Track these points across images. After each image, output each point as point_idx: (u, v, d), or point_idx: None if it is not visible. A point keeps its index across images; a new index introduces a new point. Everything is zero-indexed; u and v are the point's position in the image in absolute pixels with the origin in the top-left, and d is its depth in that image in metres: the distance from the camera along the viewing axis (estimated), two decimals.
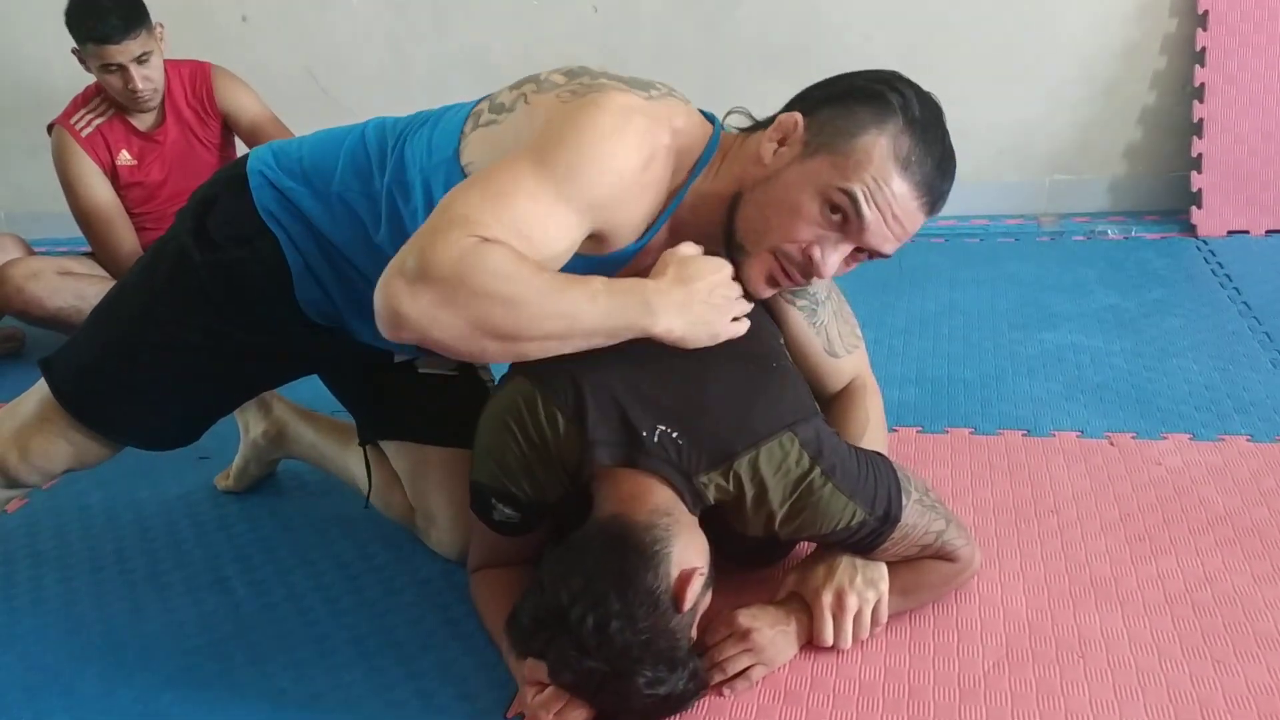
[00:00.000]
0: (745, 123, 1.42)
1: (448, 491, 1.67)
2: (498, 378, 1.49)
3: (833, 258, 1.30)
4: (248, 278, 1.45)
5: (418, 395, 1.70)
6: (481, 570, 1.58)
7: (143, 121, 2.71)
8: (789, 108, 1.35)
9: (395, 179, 1.39)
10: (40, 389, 1.59)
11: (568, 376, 1.36)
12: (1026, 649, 1.47)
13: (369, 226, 1.41)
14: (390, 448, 1.76)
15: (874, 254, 1.33)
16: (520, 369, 1.41)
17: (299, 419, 1.94)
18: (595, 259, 1.32)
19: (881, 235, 1.29)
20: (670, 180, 1.32)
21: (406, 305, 1.13)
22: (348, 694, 1.50)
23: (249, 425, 1.96)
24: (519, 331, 1.17)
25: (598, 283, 1.22)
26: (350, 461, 1.85)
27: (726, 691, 1.43)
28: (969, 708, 1.38)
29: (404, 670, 1.52)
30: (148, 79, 2.60)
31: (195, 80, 2.75)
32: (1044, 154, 3.20)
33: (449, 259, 1.12)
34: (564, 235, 1.22)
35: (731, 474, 1.35)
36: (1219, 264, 2.75)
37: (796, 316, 1.54)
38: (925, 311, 2.58)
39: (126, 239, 2.74)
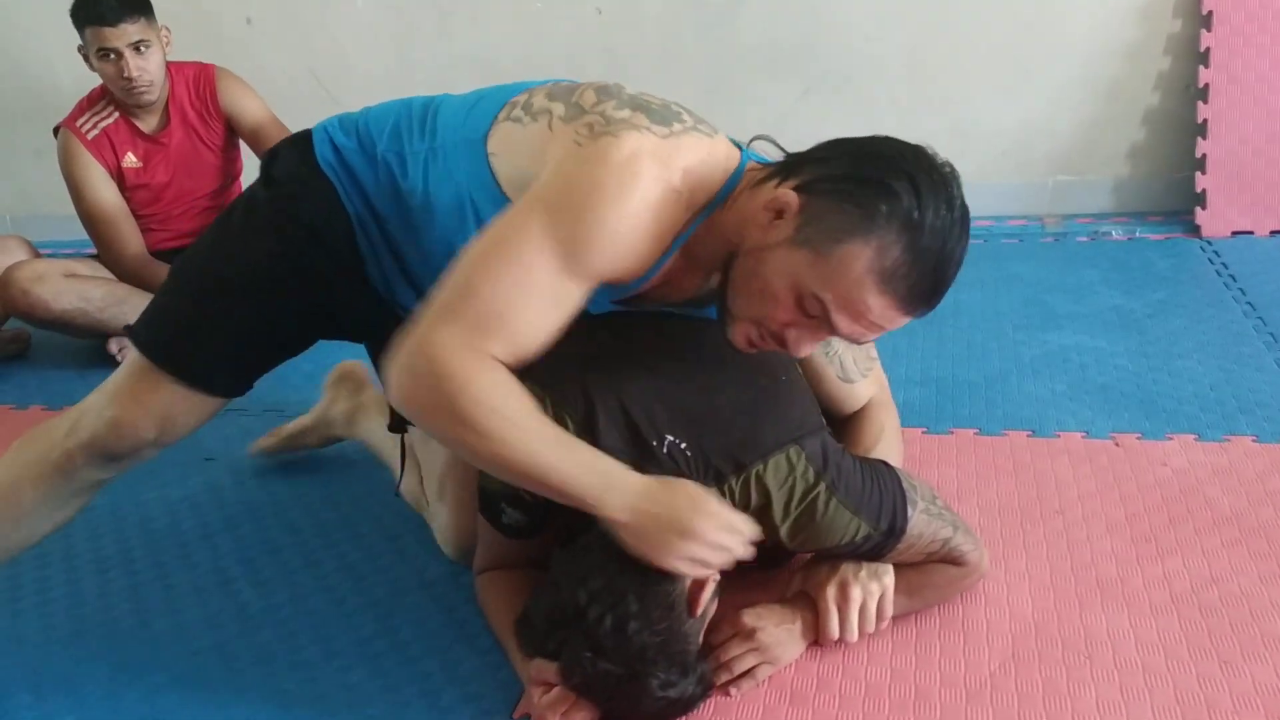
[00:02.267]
0: (772, 151, 1.38)
1: (456, 487, 1.68)
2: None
3: (806, 345, 1.28)
4: (311, 214, 1.47)
5: None
6: (488, 572, 1.57)
7: (147, 124, 2.71)
8: (793, 167, 1.26)
9: (428, 144, 1.42)
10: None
11: (578, 383, 1.36)
12: (1033, 650, 1.47)
13: (403, 188, 1.43)
14: (414, 434, 1.75)
15: None
16: (531, 375, 1.41)
17: (378, 409, 1.92)
18: (602, 289, 1.31)
19: (857, 335, 1.25)
20: (683, 214, 1.29)
21: (407, 393, 1.26)
22: (353, 695, 1.50)
23: (336, 398, 2.00)
24: (491, 460, 1.27)
25: (583, 454, 1.27)
26: (383, 446, 1.89)
27: (733, 691, 1.44)
28: (975, 709, 1.38)
29: (410, 671, 1.52)
30: (143, 69, 2.59)
31: (199, 82, 2.76)
32: (1047, 155, 3.19)
33: (452, 378, 1.21)
34: (569, 308, 1.27)
35: (738, 486, 1.36)
36: (1223, 264, 2.74)
37: (815, 354, 1.53)
38: (931, 313, 2.56)
39: (132, 241, 2.74)
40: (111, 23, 2.52)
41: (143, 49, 2.58)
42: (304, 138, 1.52)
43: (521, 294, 1.23)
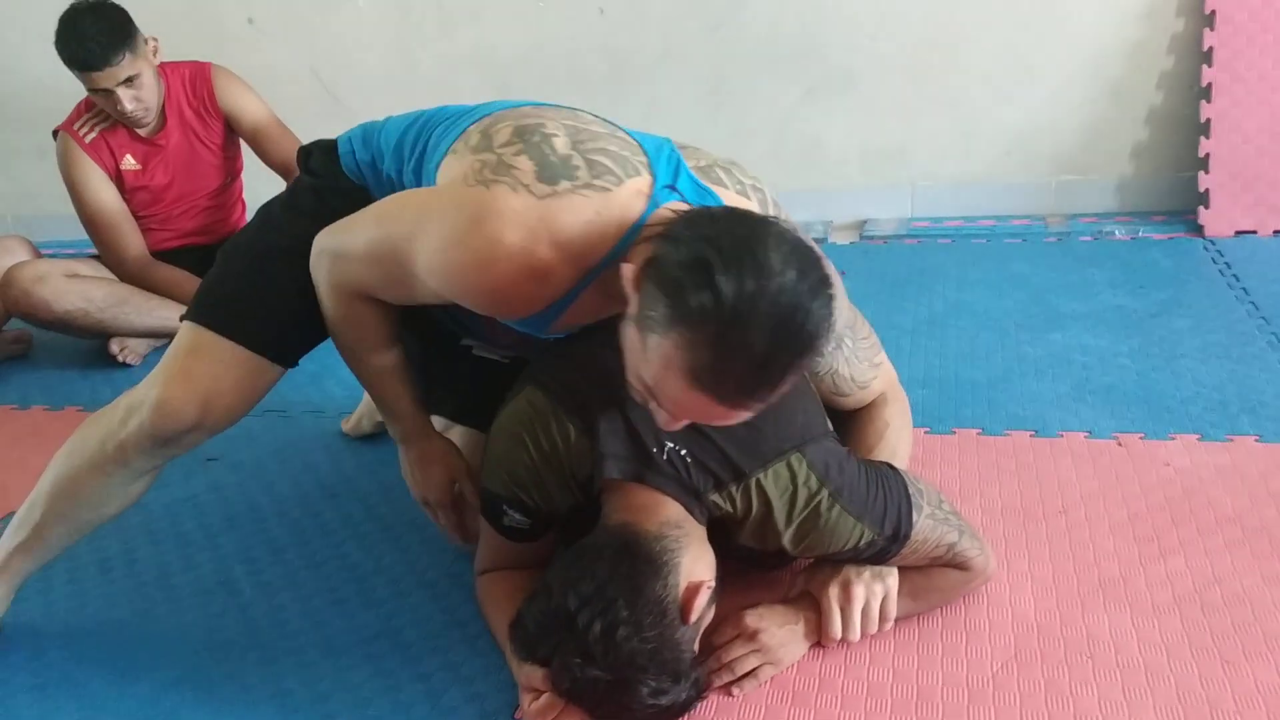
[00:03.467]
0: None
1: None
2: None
3: (668, 422, 1.20)
4: (352, 194, 1.53)
5: (469, 378, 1.76)
6: (489, 573, 1.58)
7: (143, 127, 2.70)
8: (667, 233, 1.15)
9: (415, 166, 1.46)
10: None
11: (580, 389, 1.36)
12: (1035, 650, 1.47)
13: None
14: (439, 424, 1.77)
15: None
16: (534, 380, 1.41)
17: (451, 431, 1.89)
18: (519, 321, 1.36)
19: (682, 422, 1.20)
20: (567, 273, 1.25)
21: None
22: (356, 695, 1.51)
23: None
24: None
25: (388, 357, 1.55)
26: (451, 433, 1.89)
27: (735, 691, 1.44)
28: (977, 709, 1.38)
29: (412, 671, 1.52)
30: (137, 100, 2.58)
31: (195, 81, 2.74)
32: (1051, 154, 3.19)
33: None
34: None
35: (740, 494, 1.36)
36: (1226, 264, 2.74)
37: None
38: (932, 312, 2.57)
39: (133, 242, 2.74)
40: (98, 68, 2.48)
41: (133, 82, 2.55)
42: (330, 147, 1.60)
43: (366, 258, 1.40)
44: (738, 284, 1.05)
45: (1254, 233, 2.93)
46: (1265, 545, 1.64)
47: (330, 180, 1.57)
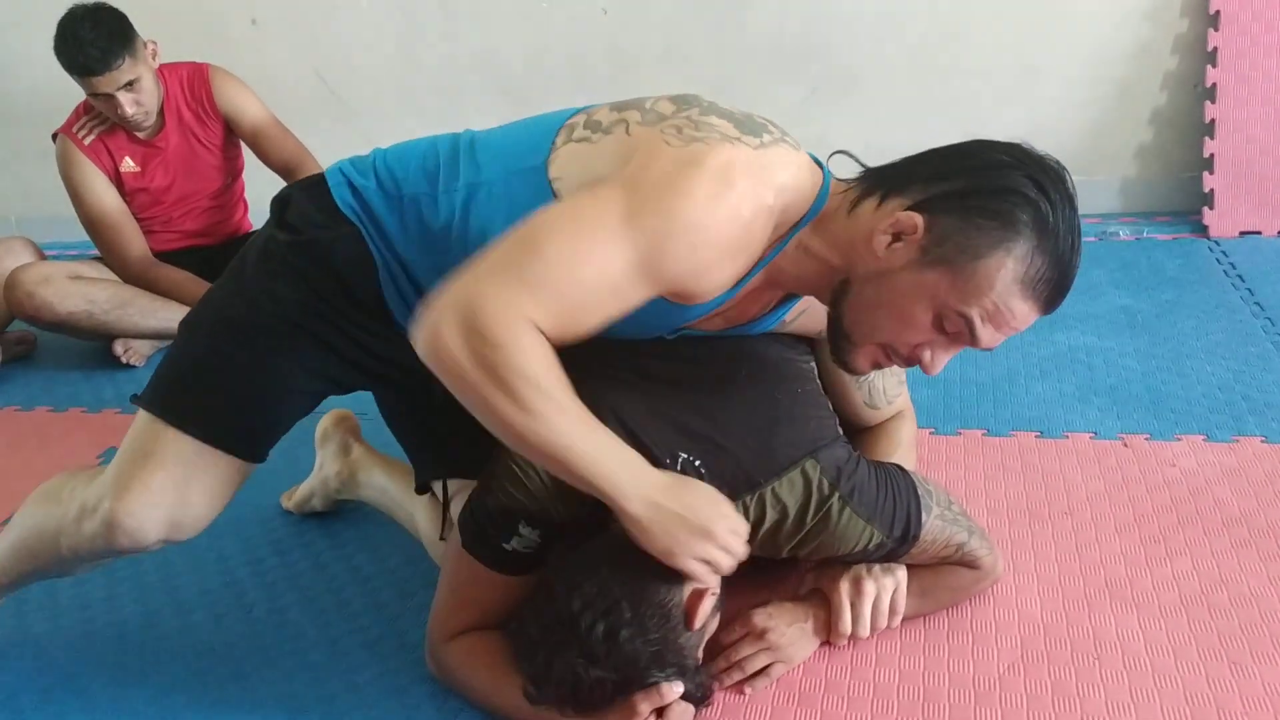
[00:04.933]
0: (851, 167, 1.33)
1: None
2: None
3: (941, 360, 1.25)
4: (337, 260, 1.36)
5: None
6: (458, 639, 1.45)
7: (142, 130, 2.69)
8: (898, 180, 1.21)
9: (470, 179, 1.32)
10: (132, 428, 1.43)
11: (590, 400, 1.35)
12: (1041, 651, 1.46)
13: (435, 230, 1.33)
14: (454, 485, 1.60)
15: None
16: None
17: (373, 465, 1.85)
18: (672, 306, 1.25)
19: (997, 342, 1.23)
20: (771, 234, 1.23)
21: (441, 343, 1.13)
22: (361, 696, 1.50)
23: (324, 462, 1.90)
24: (514, 430, 1.16)
25: (607, 441, 1.21)
26: (415, 506, 1.75)
27: (747, 690, 1.44)
28: (983, 710, 1.38)
29: (418, 672, 1.51)
30: (138, 103, 2.57)
31: (194, 83, 2.74)
32: (1055, 154, 3.11)
33: (495, 336, 1.11)
34: (625, 307, 1.18)
35: (754, 503, 1.36)
36: (1231, 265, 2.74)
37: (841, 375, 1.48)
38: None
39: (135, 243, 2.74)
40: (99, 72, 2.48)
41: (133, 86, 2.55)
42: (318, 182, 1.42)
43: (587, 272, 1.13)
44: (1051, 199, 1.16)
45: (1259, 233, 2.92)
46: (1272, 546, 1.63)
47: (310, 233, 1.37)
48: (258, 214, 2.75)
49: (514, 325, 1.11)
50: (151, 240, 2.79)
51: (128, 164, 2.72)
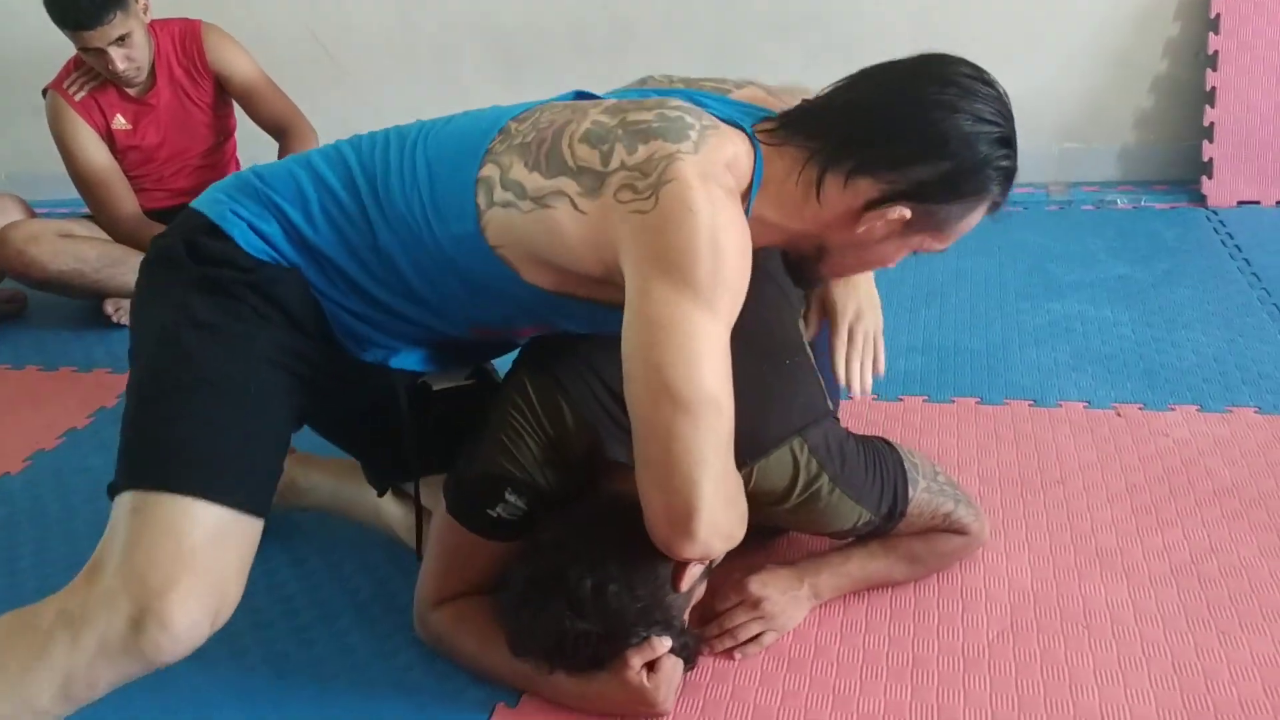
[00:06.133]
0: (759, 95, 1.37)
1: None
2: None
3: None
4: (281, 296, 1.30)
5: (440, 423, 1.51)
6: (447, 605, 1.45)
7: (133, 87, 2.66)
8: (857, 158, 1.21)
9: (394, 239, 1.28)
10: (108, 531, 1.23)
11: (577, 369, 1.35)
12: (1031, 619, 1.47)
13: (366, 280, 1.31)
14: (424, 489, 1.56)
15: None
16: (530, 361, 1.40)
17: (311, 469, 1.76)
18: None
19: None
20: (742, 185, 1.25)
21: (696, 552, 1.21)
22: (352, 658, 1.50)
23: None
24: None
25: None
26: (380, 504, 1.69)
27: (738, 655, 1.45)
28: (972, 677, 1.38)
29: (409, 636, 1.51)
30: (129, 59, 2.54)
31: (185, 39, 2.70)
32: (1054, 121, 3.16)
33: (713, 530, 1.20)
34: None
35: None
36: (1229, 234, 2.72)
37: None
38: (933, 281, 2.56)
39: (126, 201, 2.71)
40: (90, 27, 2.45)
41: (125, 41, 2.51)
42: (211, 229, 1.30)
43: (708, 352, 1.16)
44: (1014, 146, 1.24)
45: (1257, 203, 2.91)
46: (1263, 517, 1.64)
47: (254, 272, 1.28)
48: None
49: (726, 520, 1.23)
50: (143, 199, 2.76)
51: (119, 121, 2.69)
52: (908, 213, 1.22)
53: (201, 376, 1.24)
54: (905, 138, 1.21)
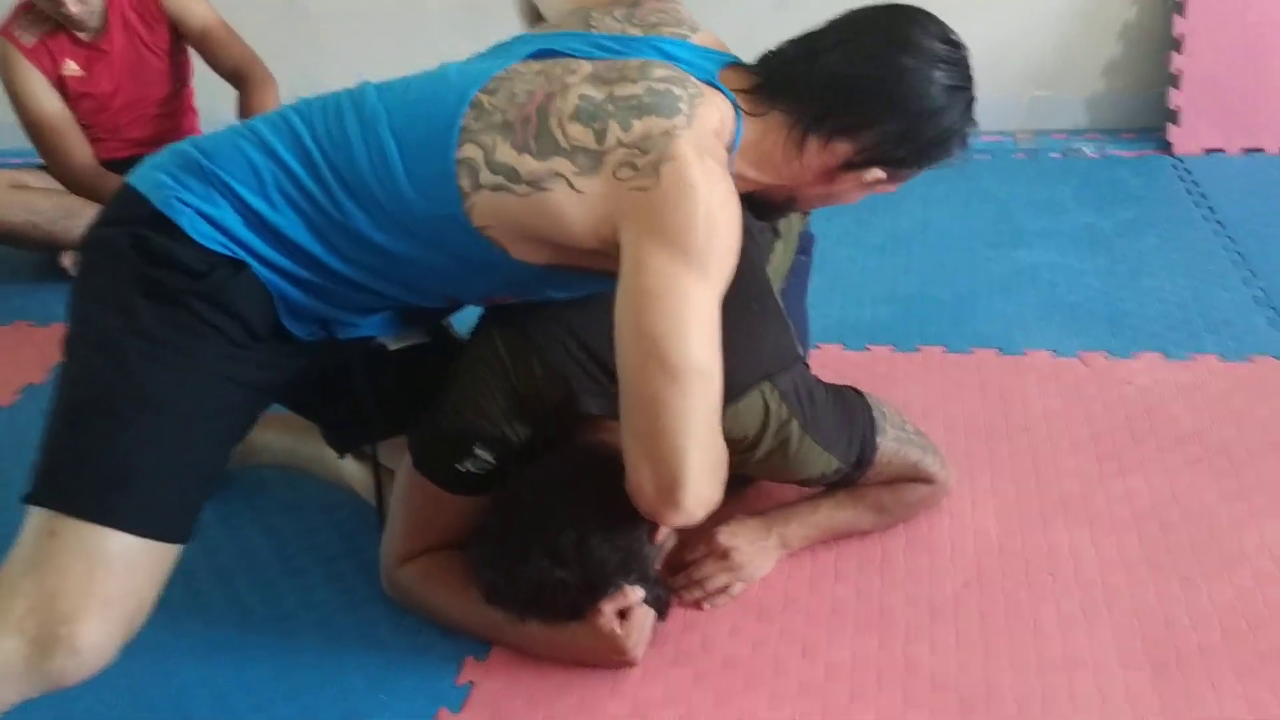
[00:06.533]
0: (710, 39, 1.38)
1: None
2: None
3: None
4: (230, 300, 1.23)
5: (398, 384, 1.49)
6: (414, 561, 1.45)
7: (86, 30, 2.58)
8: (836, 120, 1.24)
9: (368, 219, 1.22)
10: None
11: (547, 323, 1.34)
12: (997, 568, 1.48)
13: (333, 260, 1.25)
14: (384, 448, 1.55)
15: None
16: (498, 315, 1.39)
17: (267, 428, 1.72)
18: None
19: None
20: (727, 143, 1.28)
21: (680, 521, 1.23)
22: (319, 613, 1.50)
23: None
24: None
25: None
26: (341, 463, 1.66)
27: (706, 606, 1.45)
28: (939, 627, 1.40)
29: (376, 590, 1.51)
30: (81, 1, 2.47)
31: None
32: (1022, 69, 3.13)
33: (699, 500, 1.21)
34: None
35: None
36: (1194, 183, 2.72)
37: None
38: (898, 229, 2.54)
39: (79, 150, 2.64)
40: None
41: None
42: (157, 218, 1.21)
43: (698, 318, 1.17)
44: (970, 110, 1.32)
45: (1222, 151, 2.91)
46: (1224, 463, 1.66)
47: (201, 279, 1.20)
48: (207, 123, 2.67)
49: (709, 487, 1.24)
50: (98, 149, 2.68)
51: (70, 67, 2.61)
52: (883, 175, 1.29)
53: (140, 397, 1.18)
54: (885, 109, 1.26)
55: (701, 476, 1.19)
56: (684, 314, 1.16)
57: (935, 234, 2.52)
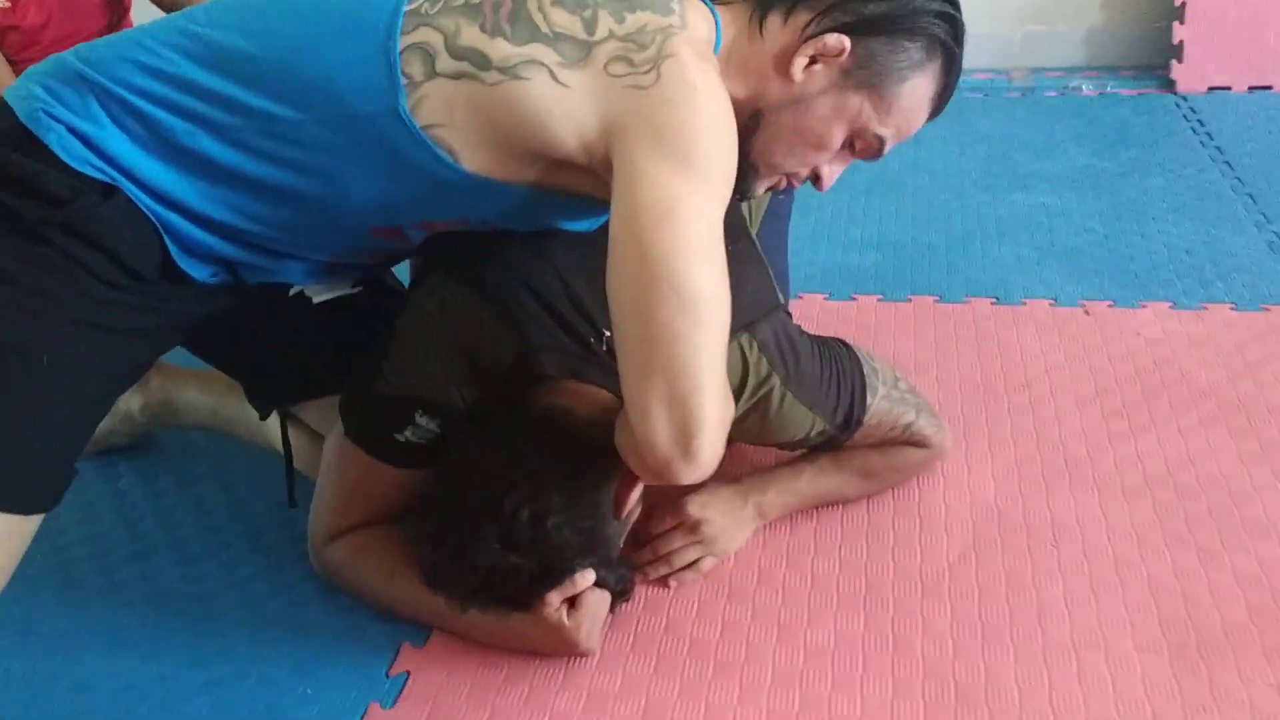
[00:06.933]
0: None
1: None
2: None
3: (837, 175, 1.22)
4: (101, 234, 1.07)
5: (324, 339, 1.34)
6: (347, 537, 1.30)
7: None
8: (793, 5, 1.12)
9: (274, 121, 1.05)
10: None
11: (498, 271, 1.18)
12: (995, 538, 1.35)
13: (232, 181, 1.09)
14: (307, 410, 1.41)
15: None
16: (442, 262, 1.23)
17: (187, 386, 1.57)
18: None
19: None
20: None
21: (693, 476, 1.05)
22: (242, 593, 1.35)
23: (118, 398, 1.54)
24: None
25: None
26: (268, 426, 1.50)
27: (672, 583, 1.32)
28: (931, 603, 1.26)
29: (307, 567, 1.36)
30: None
31: None
32: (1016, 3, 2.99)
33: (714, 449, 1.04)
34: None
35: None
36: (1199, 122, 2.60)
37: None
38: (888, 171, 2.41)
39: (5, 84, 2.46)
40: None
41: None
42: (21, 134, 1.05)
43: (707, 237, 1.03)
44: (958, 9, 1.14)
45: (1228, 89, 2.78)
46: (1242, 422, 1.52)
47: (66, 208, 1.04)
48: None
49: (717, 431, 1.05)
50: None
51: None
52: (846, 42, 1.09)
53: None
54: None
55: (717, 422, 1.04)
56: (696, 232, 1.01)
57: (927, 176, 2.40)
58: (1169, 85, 2.81)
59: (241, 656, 1.26)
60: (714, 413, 1.02)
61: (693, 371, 1.00)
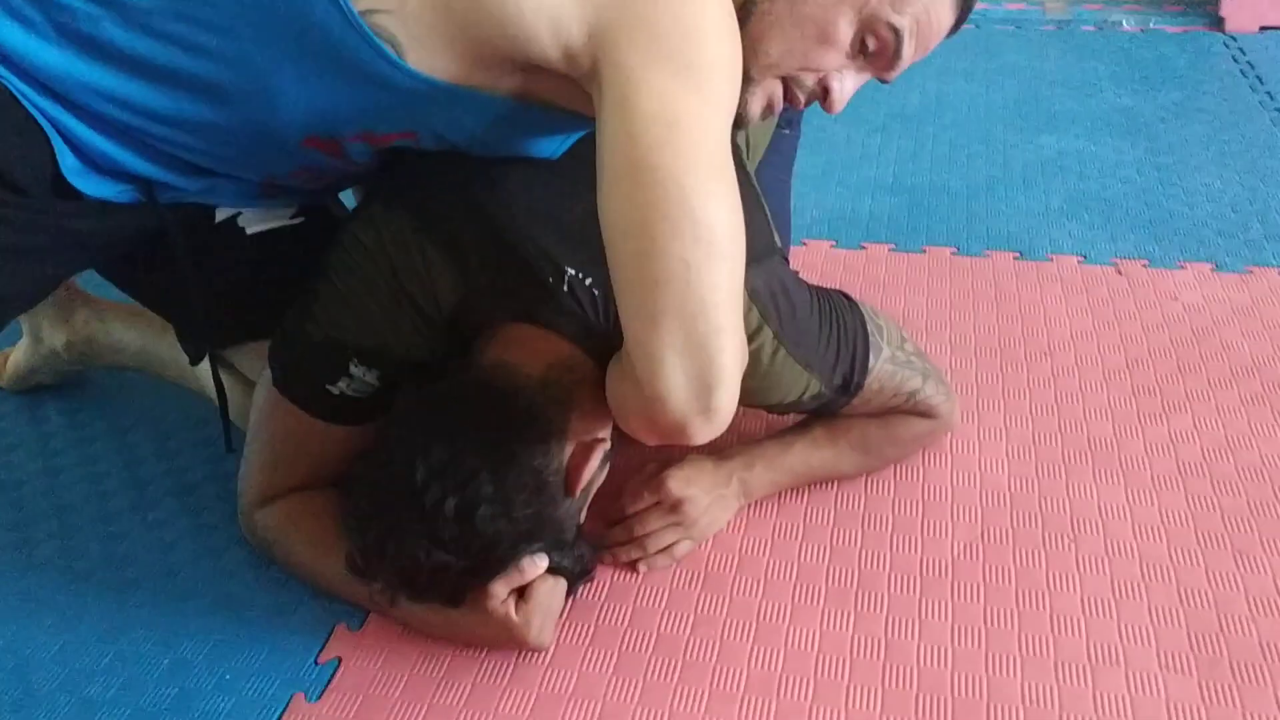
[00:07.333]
0: None
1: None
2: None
3: (850, 91, 1.06)
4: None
5: (258, 276, 1.22)
6: (278, 501, 1.18)
7: None
8: None
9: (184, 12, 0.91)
10: None
11: (444, 199, 1.04)
12: (1005, 529, 1.23)
13: (133, 87, 0.95)
14: (241, 355, 1.30)
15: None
16: (383, 190, 1.09)
17: (115, 323, 1.44)
18: None
19: (904, 69, 1.06)
20: None
21: (708, 434, 0.95)
22: (165, 559, 1.23)
23: (41, 333, 1.46)
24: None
25: None
26: (200, 371, 1.37)
27: (642, 568, 1.19)
28: (930, 602, 1.13)
29: (238, 532, 1.22)
30: None
31: None
32: None
33: (732, 401, 0.94)
34: None
35: None
36: (1249, 64, 2.48)
37: None
38: (907, 107, 2.30)
39: None
40: None
41: None
42: None
43: (717, 153, 0.92)
44: None
45: None
46: None
47: None
48: None
49: (734, 373, 0.95)
50: None
51: None
52: None
53: None
54: None
55: (737, 371, 0.94)
56: (707, 149, 0.90)
57: (949, 114, 2.28)
58: (1217, 23, 2.69)
59: (157, 634, 1.13)
60: (734, 360, 0.92)
61: (710, 312, 0.89)
